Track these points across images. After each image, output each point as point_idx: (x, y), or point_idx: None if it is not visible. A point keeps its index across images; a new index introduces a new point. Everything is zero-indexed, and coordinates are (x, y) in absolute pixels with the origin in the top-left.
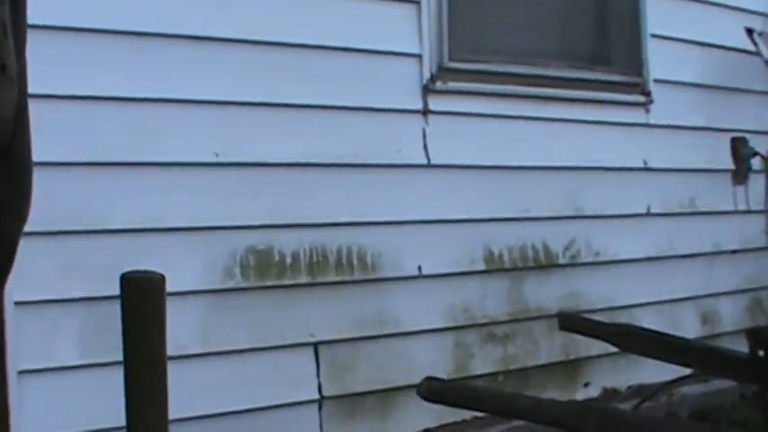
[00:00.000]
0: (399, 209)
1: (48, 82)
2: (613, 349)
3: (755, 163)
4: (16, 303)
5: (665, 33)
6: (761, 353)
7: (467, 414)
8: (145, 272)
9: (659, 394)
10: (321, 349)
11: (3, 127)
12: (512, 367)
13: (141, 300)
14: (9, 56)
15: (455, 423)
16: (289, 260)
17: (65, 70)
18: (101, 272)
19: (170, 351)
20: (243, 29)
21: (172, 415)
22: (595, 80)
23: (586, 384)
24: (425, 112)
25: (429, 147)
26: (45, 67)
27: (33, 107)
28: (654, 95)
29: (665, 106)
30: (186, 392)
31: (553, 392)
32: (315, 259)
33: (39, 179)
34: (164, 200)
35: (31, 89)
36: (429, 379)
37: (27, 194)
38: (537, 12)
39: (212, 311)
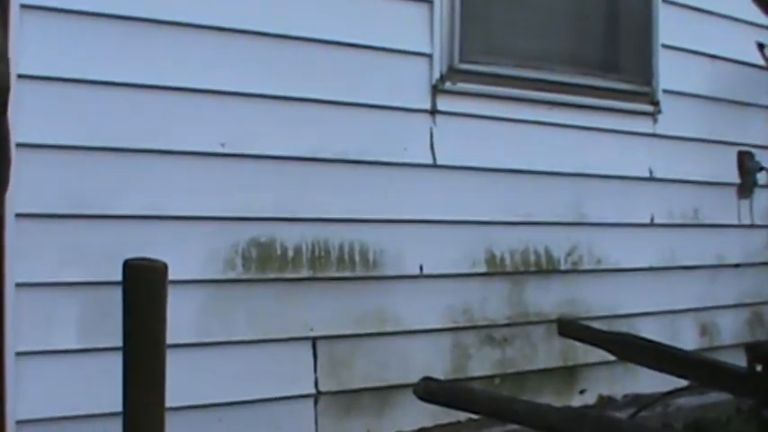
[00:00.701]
0: (403, 207)
1: (53, 65)
2: (611, 357)
3: (761, 177)
4: (17, 285)
5: (677, 44)
6: (759, 368)
7: (462, 415)
8: (148, 259)
9: (655, 405)
10: (319, 344)
11: (2, 96)
12: (509, 371)
13: (143, 287)
14: (1, 33)
15: (450, 424)
16: (291, 254)
17: (71, 54)
18: (102, 257)
19: (168, 339)
20: (254, 21)
21: (168, 403)
22: (604, 88)
23: (583, 391)
24: (433, 111)
25: (435, 147)
26: (50, 49)
27: (40, 89)
28: (662, 105)
29: (673, 117)
30: (182, 381)
31: (549, 398)
32: (317, 254)
33: (43, 162)
34: (168, 188)
35: (35, 71)
36: (426, 379)
37: (9, 162)
38: (548, 17)
39: (212, 302)
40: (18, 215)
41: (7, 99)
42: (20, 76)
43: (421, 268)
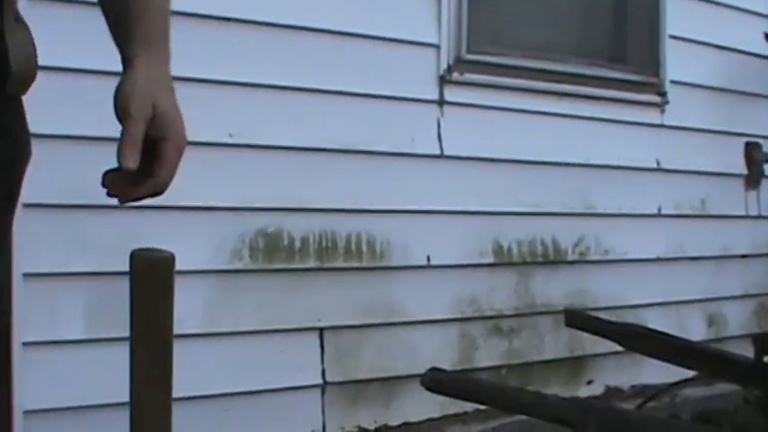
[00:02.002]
0: (410, 198)
1: (60, 55)
2: (618, 348)
3: None
4: (24, 275)
5: (684, 35)
6: (766, 358)
7: (469, 406)
8: (155, 250)
9: (662, 395)
10: (326, 334)
11: (34, 70)
12: (516, 361)
13: (150, 278)
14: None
15: (457, 414)
16: (298, 244)
17: (78, 43)
18: (109, 247)
19: (175, 329)
20: (260, 11)
21: (174, 394)
22: (612, 78)
23: (590, 382)
24: (441, 102)
25: (443, 137)
26: (56, 39)
27: (46, 79)
28: (669, 96)
29: (681, 108)
30: (189, 371)
31: (556, 388)
32: (324, 244)
33: (49, 151)
34: (176, 178)
35: (46, 62)
36: (433, 370)
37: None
38: (556, 8)
39: (219, 292)
40: (25, 205)
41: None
42: None
43: (428, 259)
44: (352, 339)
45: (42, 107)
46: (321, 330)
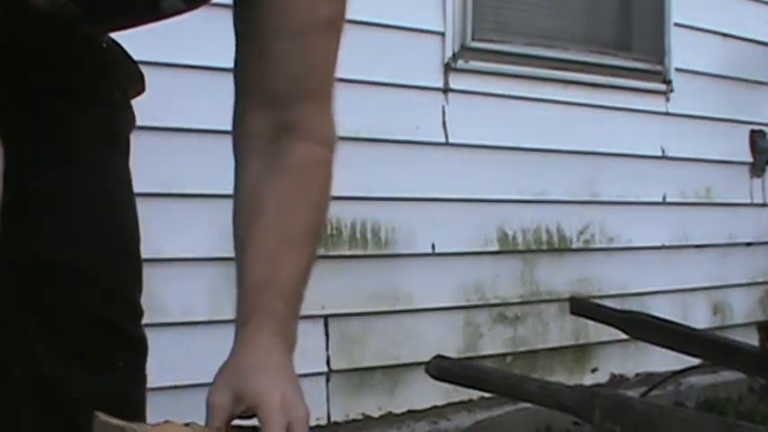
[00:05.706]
0: (415, 186)
1: None
2: (623, 336)
3: None
4: None
5: (689, 22)
6: None
7: (474, 394)
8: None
9: (667, 383)
10: (331, 322)
11: None
12: (521, 349)
13: None
14: None
15: (462, 402)
16: None
17: None
18: None
19: (182, 317)
20: None
21: (180, 381)
22: (617, 66)
23: (594, 370)
24: (446, 90)
25: (448, 125)
26: None
27: None
28: (674, 84)
29: (686, 95)
30: (195, 358)
31: (561, 376)
32: (329, 232)
33: None
34: (180, 165)
35: None
36: (438, 357)
37: None
38: None
39: (224, 279)
40: None
41: None
42: None
43: (433, 246)
44: (357, 327)
45: None
46: (326, 318)
